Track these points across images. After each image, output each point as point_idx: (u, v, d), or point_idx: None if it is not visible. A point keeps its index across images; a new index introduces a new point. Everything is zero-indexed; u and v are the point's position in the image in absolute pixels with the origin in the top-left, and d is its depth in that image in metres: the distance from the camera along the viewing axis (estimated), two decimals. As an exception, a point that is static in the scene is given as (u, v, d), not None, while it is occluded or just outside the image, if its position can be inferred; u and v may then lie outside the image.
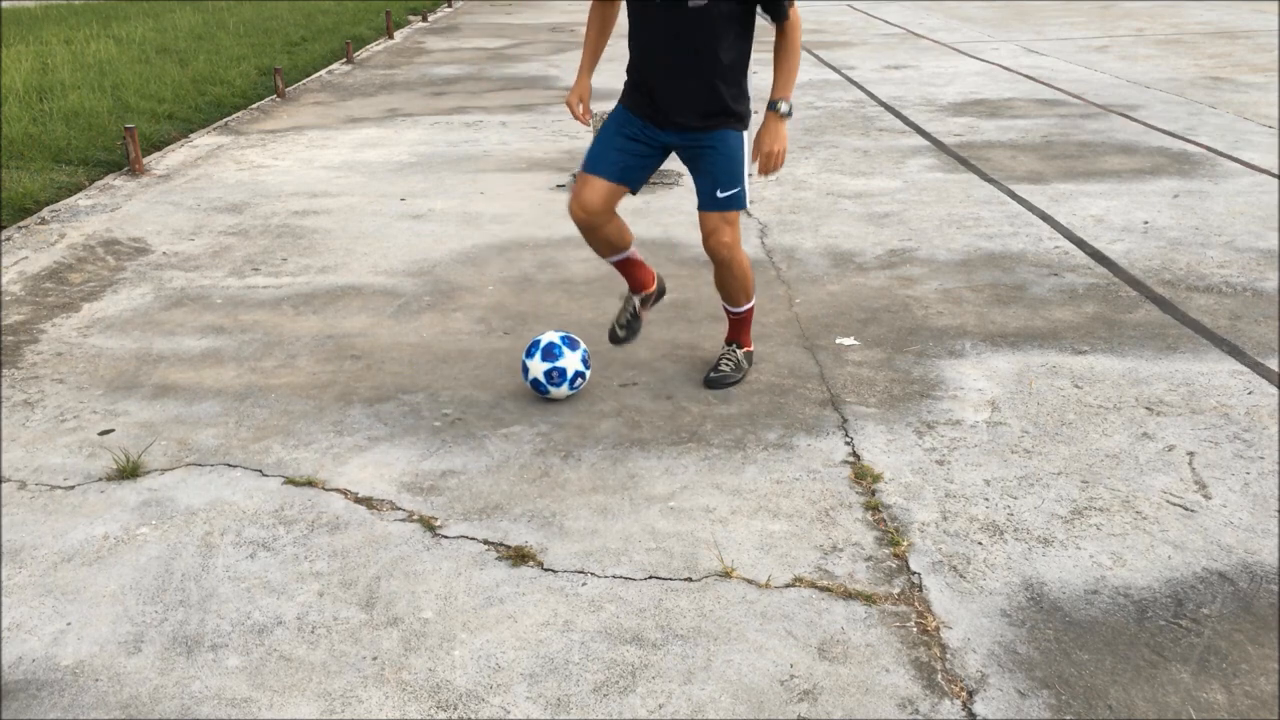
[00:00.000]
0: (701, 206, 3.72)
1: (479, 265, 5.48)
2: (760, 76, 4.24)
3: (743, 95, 3.70)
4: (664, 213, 6.22)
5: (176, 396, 4.03)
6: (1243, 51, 11.91)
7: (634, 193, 3.83)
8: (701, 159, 3.68)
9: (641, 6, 3.54)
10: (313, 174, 7.60)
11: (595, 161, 3.73)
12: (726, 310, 4.06)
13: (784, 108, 3.66)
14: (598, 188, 3.71)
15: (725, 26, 3.52)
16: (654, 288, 4.15)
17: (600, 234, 3.82)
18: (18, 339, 4.64)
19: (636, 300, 4.13)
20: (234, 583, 2.88)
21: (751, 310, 4.06)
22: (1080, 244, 5.53)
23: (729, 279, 3.88)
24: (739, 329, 4.09)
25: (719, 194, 3.66)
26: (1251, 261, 5.18)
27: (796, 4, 3.65)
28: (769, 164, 3.69)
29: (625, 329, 4.13)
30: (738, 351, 4.08)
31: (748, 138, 3.74)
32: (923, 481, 3.30)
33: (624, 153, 3.71)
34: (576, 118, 3.81)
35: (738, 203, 3.70)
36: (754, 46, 3.73)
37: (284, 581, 2.88)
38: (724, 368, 4.03)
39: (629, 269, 4.05)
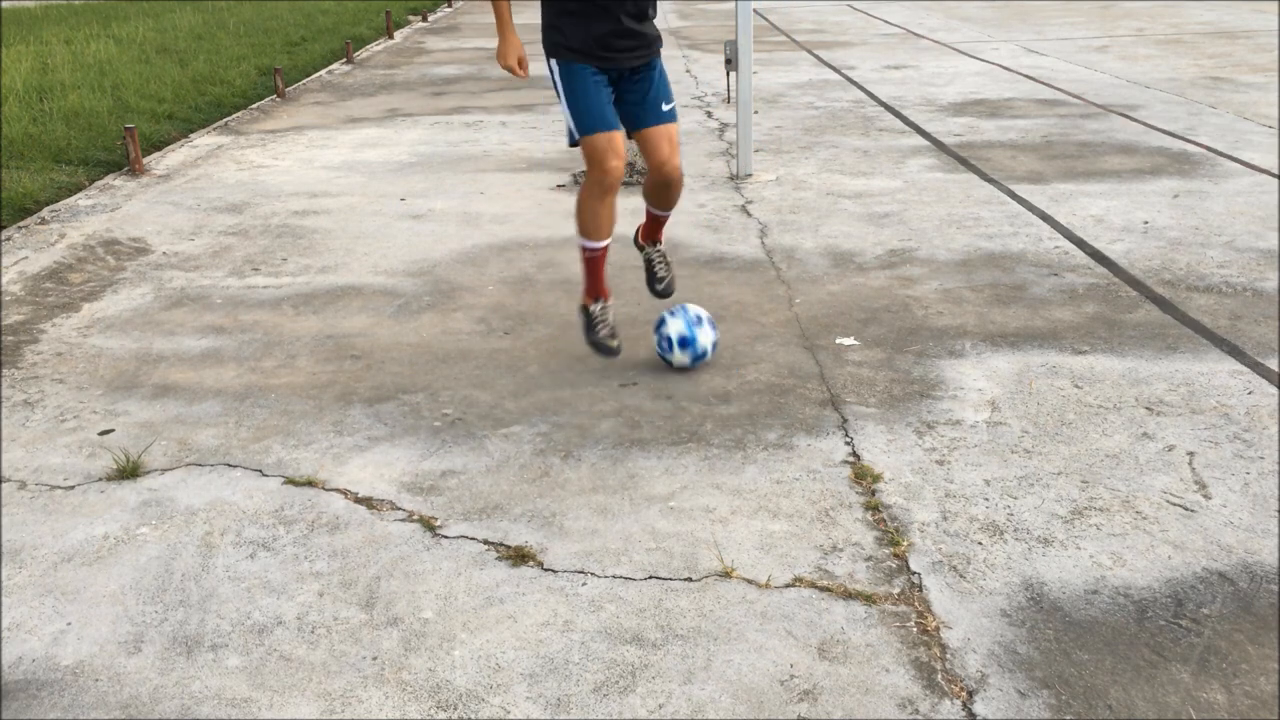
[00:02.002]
0: (652, 122, 3.95)
1: (479, 265, 5.48)
2: (760, 77, 4.24)
3: (655, 27, 4.05)
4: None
5: (176, 396, 4.04)
6: (1243, 51, 11.91)
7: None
8: (648, 83, 3.95)
9: None
10: (313, 174, 7.60)
11: (601, 117, 3.82)
12: (655, 213, 4.30)
13: None
14: (620, 139, 3.86)
15: None
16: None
17: (614, 199, 3.97)
18: (18, 339, 4.64)
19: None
20: (234, 583, 2.88)
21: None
22: (1080, 244, 5.53)
23: (673, 195, 4.16)
24: (659, 228, 4.40)
25: (664, 106, 3.98)
26: (1251, 261, 5.18)
27: None
28: None
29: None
30: (663, 249, 4.45)
31: None
32: (923, 481, 3.30)
33: (609, 102, 3.88)
34: (515, 73, 3.91)
35: (676, 115, 4.05)
36: (754, 46, 3.82)
37: (284, 581, 2.88)
38: (662, 272, 4.40)
39: (603, 262, 4.17)
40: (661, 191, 4.13)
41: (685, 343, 4.02)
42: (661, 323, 4.07)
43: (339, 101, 10.75)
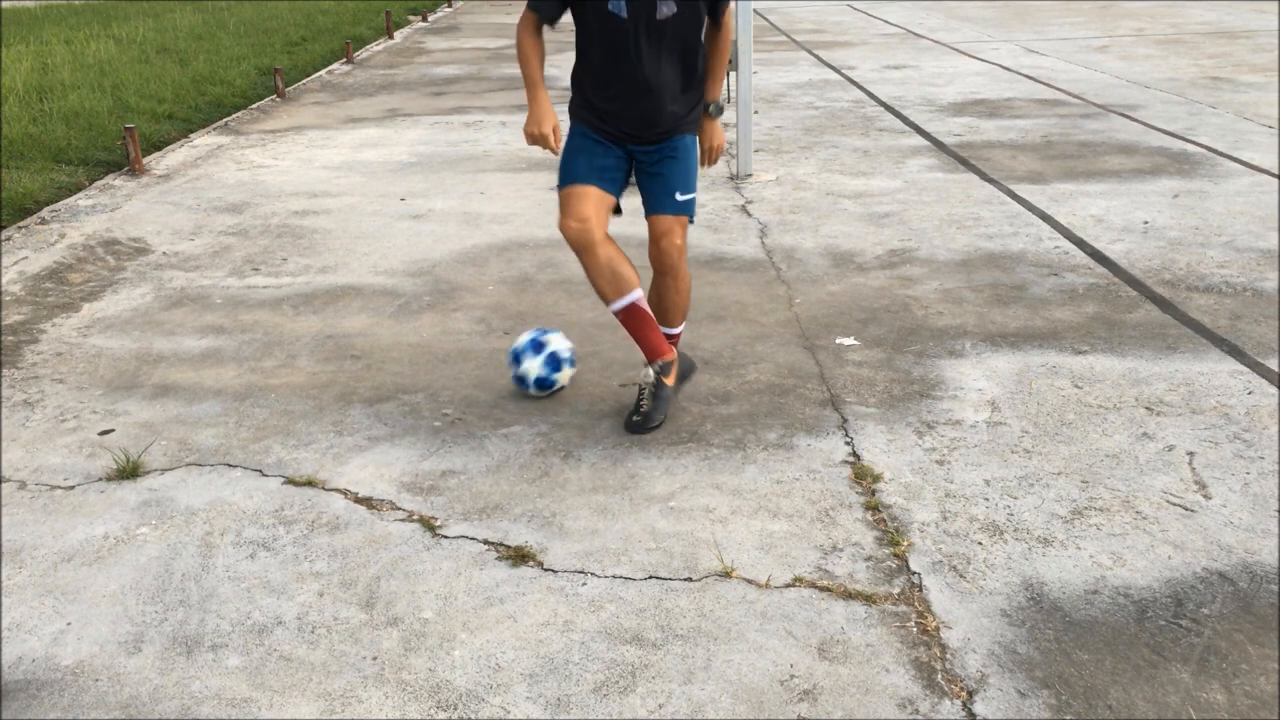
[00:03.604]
0: (657, 210, 3.54)
1: (479, 265, 5.48)
2: (760, 77, 4.22)
3: (698, 98, 3.60)
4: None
5: (176, 396, 4.04)
6: (1243, 51, 11.91)
7: (618, 211, 3.61)
8: (663, 166, 3.53)
9: (602, 26, 3.36)
10: (313, 174, 7.60)
11: (576, 174, 3.50)
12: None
13: (715, 110, 3.65)
14: (588, 195, 3.47)
15: (690, 33, 3.43)
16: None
17: (601, 254, 3.48)
18: (18, 339, 4.64)
19: (654, 371, 3.67)
20: (234, 583, 2.88)
21: (679, 337, 3.83)
22: (1080, 244, 5.53)
23: (673, 292, 3.66)
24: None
25: (678, 196, 3.53)
26: (1251, 261, 5.18)
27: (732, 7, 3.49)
28: (713, 157, 3.72)
29: (645, 413, 3.65)
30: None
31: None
32: (923, 481, 3.30)
33: (603, 166, 3.51)
34: (549, 148, 3.46)
35: (691, 209, 3.57)
36: (754, 46, 3.73)
37: (284, 581, 2.88)
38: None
39: (640, 323, 3.63)
40: (659, 282, 3.67)
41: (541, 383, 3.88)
42: (519, 359, 3.87)
43: (339, 101, 10.75)
